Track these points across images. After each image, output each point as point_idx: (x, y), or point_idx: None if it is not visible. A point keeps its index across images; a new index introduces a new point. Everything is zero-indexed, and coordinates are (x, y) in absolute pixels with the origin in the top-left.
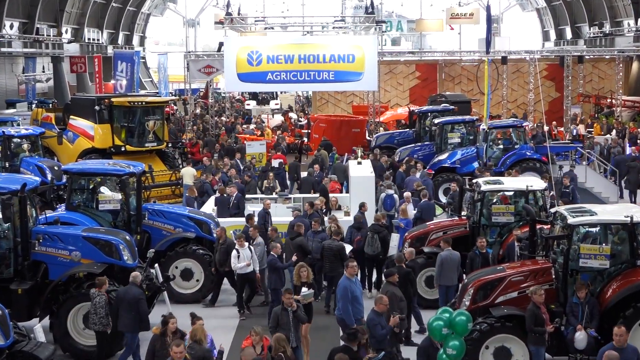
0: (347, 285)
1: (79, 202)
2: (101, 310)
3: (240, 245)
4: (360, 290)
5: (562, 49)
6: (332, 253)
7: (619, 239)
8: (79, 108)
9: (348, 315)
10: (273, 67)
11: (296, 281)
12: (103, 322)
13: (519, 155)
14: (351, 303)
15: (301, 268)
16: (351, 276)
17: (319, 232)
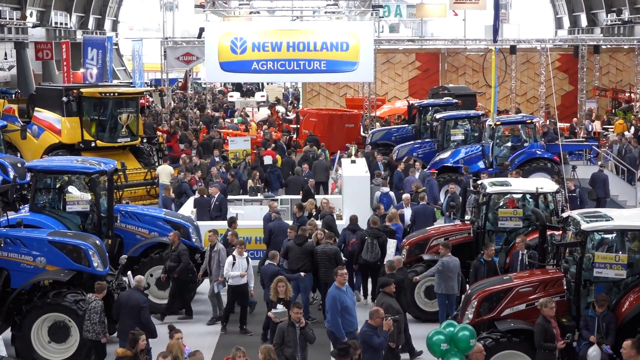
0: (336, 295)
1: (44, 203)
2: (95, 316)
3: (240, 253)
4: (353, 300)
5: (577, 38)
6: (326, 257)
7: (637, 247)
8: (45, 99)
9: (337, 328)
10: (259, 55)
11: (272, 296)
12: (96, 329)
13: (529, 154)
14: (341, 315)
15: (279, 283)
16: (341, 285)
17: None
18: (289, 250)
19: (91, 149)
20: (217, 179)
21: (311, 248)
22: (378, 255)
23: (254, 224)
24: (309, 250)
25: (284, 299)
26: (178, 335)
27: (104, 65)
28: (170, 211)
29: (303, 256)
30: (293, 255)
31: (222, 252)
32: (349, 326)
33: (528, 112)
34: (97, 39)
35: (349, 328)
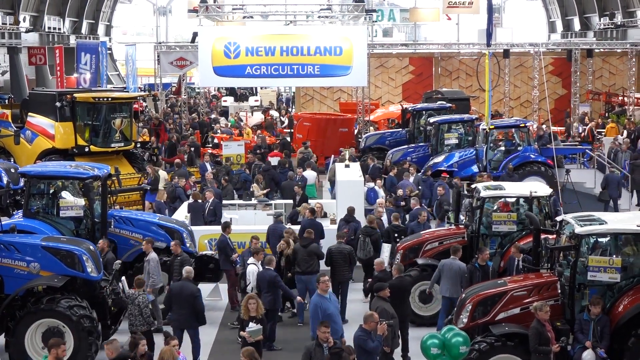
0: (318, 302)
1: (38, 209)
2: (147, 310)
3: (258, 259)
4: (336, 307)
5: (570, 42)
6: (341, 257)
7: (631, 251)
8: (39, 104)
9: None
10: (252, 60)
11: (244, 314)
12: (149, 321)
13: (522, 157)
14: None
15: (249, 300)
16: (323, 292)
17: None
18: (294, 252)
19: (85, 154)
20: (212, 184)
21: (316, 250)
22: (370, 252)
23: (248, 229)
24: (314, 251)
25: (256, 316)
26: (173, 342)
27: (97, 70)
28: (164, 216)
29: (309, 257)
30: (300, 257)
31: (152, 262)
32: (333, 333)
33: (521, 116)
34: (90, 43)
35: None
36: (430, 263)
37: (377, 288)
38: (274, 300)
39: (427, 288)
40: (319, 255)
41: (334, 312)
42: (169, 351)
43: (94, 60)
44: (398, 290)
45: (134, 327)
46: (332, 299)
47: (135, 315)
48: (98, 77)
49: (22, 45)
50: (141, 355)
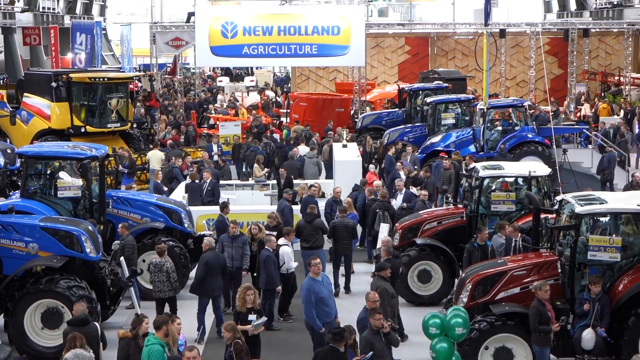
0: (310, 286)
1: (36, 189)
2: (174, 275)
3: (290, 239)
4: (329, 290)
5: (567, 22)
6: (345, 230)
7: (631, 230)
8: (34, 85)
9: (312, 320)
10: (250, 39)
11: (240, 307)
12: (175, 286)
13: (519, 137)
14: (316, 305)
15: (247, 291)
16: (315, 275)
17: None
18: (300, 228)
19: (81, 135)
20: (209, 164)
21: (321, 224)
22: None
23: (245, 209)
24: (318, 226)
25: (254, 307)
26: (178, 321)
27: (92, 50)
28: (162, 196)
29: (314, 232)
30: (305, 232)
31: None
32: (325, 316)
33: (518, 96)
34: (85, 23)
35: (325, 318)
36: (429, 243)
37: (378, 267)
38: (269, 280)
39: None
40: (324, 229)
41: (327, 295)
42: (170, 332)
43: (89, 41)
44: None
45: (162, 293)
46: (325, 281)
47: (163, 282)
48: (93, 57)
49: (16, 26)
50: (143, 334)
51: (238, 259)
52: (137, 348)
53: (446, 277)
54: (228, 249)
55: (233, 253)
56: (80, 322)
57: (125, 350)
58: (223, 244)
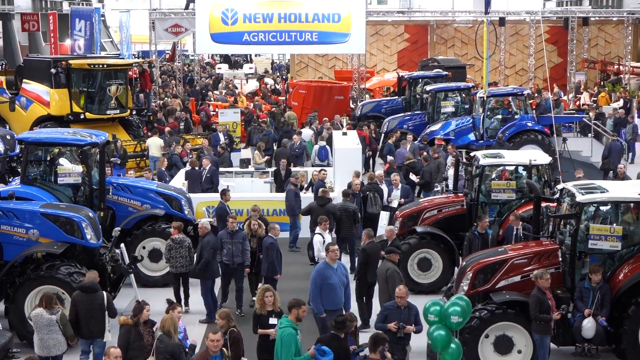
0: (321, 270)
1: (36, 175)
2: (192, 251)
3: (324, 229)
4: (341, 280)
5: (567, 10)
6: (346, 214)
7: (632, 219)
8: (33, 71)
9: (316, 302)
10: (250, 26)
11: (260, 309)
12: (190, 263)
13: (519, 126)
14: (322, 290)
15: (266, 292)
16: (332, 262)
17: (237, 232)
18: (312, 211)
19: (80, 121)
20: (209, 152)
21: (332, 209)
22: (381, 206)
23: (245, 196)
24: (330, 210)
25: (274, 310)
26: (178, 309)
27: (91, 36)
28: (162, 183)
29: (326, 216)
30: (317, 215)
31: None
32: (330, 304)
33: (517, 84)
34: (84, 10)
35: (329, 306)
36: (430, 231)
37: (388, 251)
38: (271, 268)
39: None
40: (335, 214)
41: (335, 283)
42: (170, 319)
43: (88, 27)
44: (367, 255)
45: (183, 267)
46: (339, 270)
47: (185, 257)
48: (92, 43)
49: (15, 12)
50: (144, 321)
51: (238, 255)
52: (137, 335)
53: (446, 266)
54: (228, 245)
55: (233, 249)
56: (87, 289)
57: (126, 337)
58: (222, 240)
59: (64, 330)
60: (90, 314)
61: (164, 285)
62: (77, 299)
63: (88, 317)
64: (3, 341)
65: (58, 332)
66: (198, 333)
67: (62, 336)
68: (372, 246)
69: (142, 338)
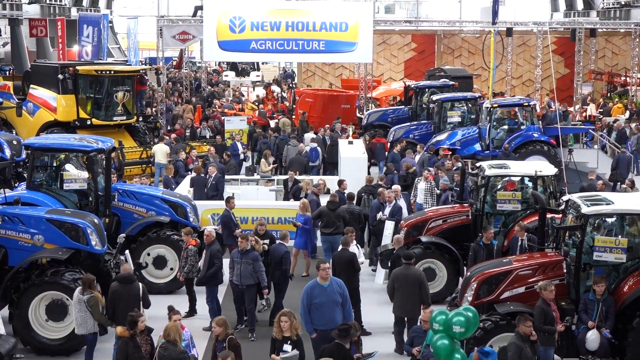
0: (308, 288)
1: (42, 181)
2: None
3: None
4: (334, 300)
5: (574, 21)
6: (352, 217)
7: (637, 231)
8: (41, 76)
9: (305, 321)
10: (258, 34)
11: (276, 333)
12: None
13: (525, 137)
14: (311, 310)
15: (282, 317)
16: (323, 281)
17: (248, 252)
18: (322, 214)
19: (86, 127)
20: (215, 159)
21: (343, 213)
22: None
23: (250, 204)
24: (341, 214)
25: (291, 337)
26: (176, 317)
27: (99, 43)
28: (167, 190)
29: (336, 219)
30: (327, 219)
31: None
32: (319, 323)
33: (524, 95)
34: (92, 16)
35: (319, 325)
36: (435, 241)
37: (405, 256)
38: (277, 277)
39: (431, 267)
40: (345, 217)
41: (325, 302)
42: (175, 326)
43: (96, 33)
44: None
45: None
46: (332, 289)
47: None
48: (100, 50)
49: (23, 17)
50: (141, 331)
51: (247, 276)
52: (135, 347)
53: (451, 276)
54: (237, 265)
55: (242, 269)
56: (124, 280)
57: (124, 350)
58: (233, 259)
59: (92, 312)
60: (126, 304)
61: (168, 292)
62: (114, 290)
63: (124, 307)
64: (7, 346)
65: (86, 312)
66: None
67: (90, 317)
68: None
69: (140, 349)
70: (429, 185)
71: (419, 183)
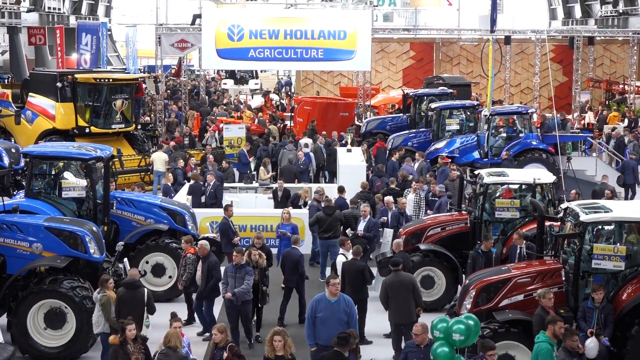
0: (315, 301)
1: (40, 189)
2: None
3: (347, 249)
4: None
5: (572, 29)
6: (354, 220)
7: (636, 239)
8: (39, 84)
9: (307, 333)
10: (256, 42)
11: (269, 353)
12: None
13: (524, 144)
14: (315, 324)
15: (274, 336)
16: (331, 295)
17: (243, 267)
18: (319, 220)
19: (85, 135)
20: (214, 167)
21: (340, 217)
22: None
23: (248, 212)
24: (338, 218)
25: (284, 356)
26: (177, 324)
27: (98, 51)
28: (166, 198)
29: (334, 224)
30: (325, 224)
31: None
32: (321, 338)
33: (522, 102)
34: (91, 24)
35: (321, 341)
36: (433, 249)
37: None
38: (296, 280)
39: (429, 275)
40: (342, 220)
41: (329, 318)
42: (175, 333)
43: (95, 41)
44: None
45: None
46: (336, 305)
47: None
48: (99, 58)
49: (22, 25)
50: (134, 340)
51: (242, 292)
52: (125, 355)
53: (449, 284)
54: (232, 280)
55: (236, 285)
56: (129, 285)
57: (114, 358)
58: (227, 274)
59: (103, 312)
60: (131, 309)
61: (167, 300)
62: (120, 295)
63: (129, 312)
64: (5, 355)
65: (99, 311)
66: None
67: (102, 317)
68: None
69: (130, 358)
70: (417, 196)
71: (408, 194)
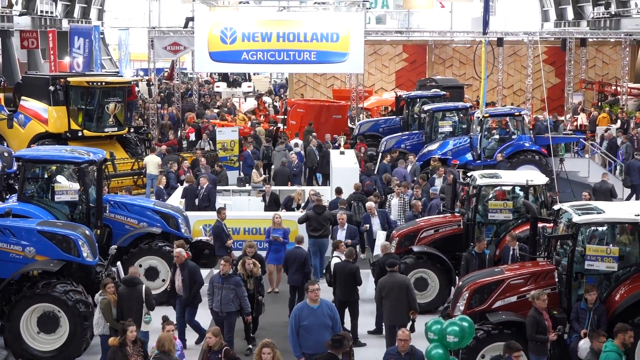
0: (297, 310)
1: (33, 193)
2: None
3: (341, 251)
4: (323, 322)
5: (565, 31)
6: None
7: (628, 240)
8: (32, 88)
9: (293, 344)
10: (249, 45)
11: None
12: None
13: (516, 146)
14: (299, 332)
15: (263, 349)
16: (312, 302)
17: (230, 276)
18: (309, 219)
19: (78, 139)
20: (207, 170)
21: (330, 216)
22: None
23: (242, 215)
24: (328, 217)
25: None
26: (169, 327)
27: (90, 54)
28: (159, 201)
29: (324, 223)
30: (315, 223)
31: None
32: (307, 347)
33: (515, 104)
34: (84, 27)
35: (307, 349)
36: (426, 251)
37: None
38: (301, 279)
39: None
40: (331, 220)
41: (313, 325)
42: (168, 337)
43: (88, 45)
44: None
45: None
46: (322, 311)
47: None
48: (91, 61)
49: (14, 29)
50: (132, 341)
51: (229, 302)
52: (123, 357)
53: (443, 285)
54: (218, 291)
55: (222, 296)
56: (128, 282)
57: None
58: (213, 284)
59: (103, 314)
60: (130, 306)
61: (160, 304)
62: (120, 292)
63: (128, 308)
64: None
65: (99, 313)
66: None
67: (102, 318)
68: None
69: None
70: (401, 201)
71: (392, 199)
